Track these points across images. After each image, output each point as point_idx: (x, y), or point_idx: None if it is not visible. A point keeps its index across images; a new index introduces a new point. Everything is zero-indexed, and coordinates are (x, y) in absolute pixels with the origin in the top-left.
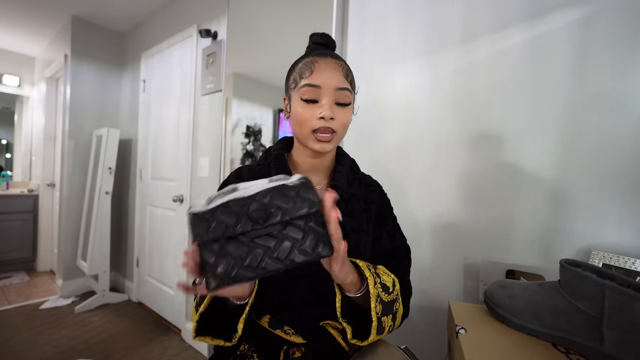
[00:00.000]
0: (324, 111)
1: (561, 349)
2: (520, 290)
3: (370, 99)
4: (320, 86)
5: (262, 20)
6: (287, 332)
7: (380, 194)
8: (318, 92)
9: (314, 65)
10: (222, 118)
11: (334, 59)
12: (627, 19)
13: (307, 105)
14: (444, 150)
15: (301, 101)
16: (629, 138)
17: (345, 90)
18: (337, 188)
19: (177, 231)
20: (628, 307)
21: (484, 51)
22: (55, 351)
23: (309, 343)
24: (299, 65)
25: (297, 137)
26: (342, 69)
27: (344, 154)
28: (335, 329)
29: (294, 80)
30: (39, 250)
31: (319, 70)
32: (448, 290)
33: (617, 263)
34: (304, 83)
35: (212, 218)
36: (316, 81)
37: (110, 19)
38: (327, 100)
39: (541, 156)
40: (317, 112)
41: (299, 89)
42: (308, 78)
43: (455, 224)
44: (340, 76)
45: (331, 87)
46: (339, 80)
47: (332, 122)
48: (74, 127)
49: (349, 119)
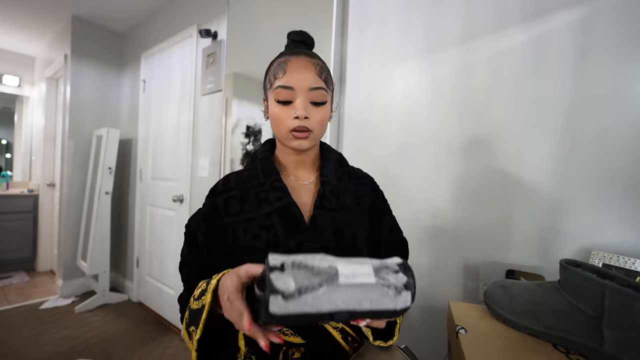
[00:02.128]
0: (297, 111)
1: (561, 349)
2: (520, 290)
3: (370, 100)
4: (294, 87)
5: (262, 20)
6: (285, 332)
7: (372, 186)
8: (292, 93)
9: (286, 66)
10: (222, 118)
11: (307, 57)
12: (626, 20)
13: (283, 107)
14: (444, 151)
15: (276, 102)
16: (629, 138)
17: (319, 89)
18: (326, 184)
19: (177, 231)
20: (628, 307)
21: (484, 51)
22: (55, 351)
23: (308, 343)
24: (273, 65)
25: (277, 137)
26: (316, 67)
27: (329, 149)
28: (335, 329)
29: (269, 81)
30: (39, 250)
31: (291, 71)
32: (448, 290)
33: (617, 263)
34: (277, 85)
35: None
36: (289, 82)
37: (110, 19)
38: (301, 100)
39: (541, 156)
40: (292, 112)
41: (274, 90)
42: (281, 79)
43: (456, 225)
44: (313, 75)
45: (304, 88)
46: (312, 80)
47: (307, 121)
48: (74, 127)
49: (325, 116)
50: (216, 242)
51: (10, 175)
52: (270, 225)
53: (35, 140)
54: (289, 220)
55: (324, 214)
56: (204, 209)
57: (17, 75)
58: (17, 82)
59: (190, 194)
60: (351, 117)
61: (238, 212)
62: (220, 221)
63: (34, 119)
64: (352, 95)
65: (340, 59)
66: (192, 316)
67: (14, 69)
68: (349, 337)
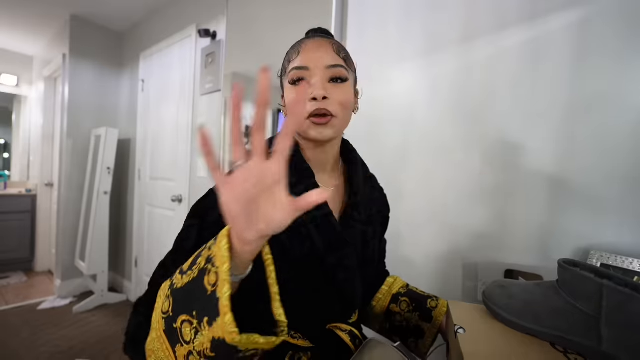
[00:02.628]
0: (314, 90)
1: (559, 348)
2: (519, 290)
3: (370, 100)
4: (309, 67)
5: (261, 20)
6: (293, 336)
7: (383, 195)
8: (307, 74)
9: (300, 47)
10: (221, 118)
11: (323, 38)
12: (626, 20)
13: (297, 88)
14: (442, 150)
15: (290, 86)
16: (627, 138)
17: (338, 67)
18: (356, 195)
19: (176, 231)
20: (626, 307)
21: (483, 51)
22: (53, 351)
23: (316, 347)
24: (289, 52)
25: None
26: (333, 45)
27: (352, 150)
28: (344, 332)
29: (284, 68)
30: (37, 250)
31: (305, 51)
32: (447, 290)
33: (615, 263)
34: (291, 67)
35: None
36: (304, 62)
37: (109, 18)
38: (318, 79)
39: (540, 156)
40: (309, 94)
41: (288, 74)
42: (295, 61)
43: (454, 224)
44: (330, 52)
45: (321, 66)
46: (329, 57)
47: (327, 102)
48: (72, 126)
49: (348, 98)
50: None
51: (8, 175)
52: (307, 235)
53: (34, 140)
54: (328, 233)
55: (354, 226)
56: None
57: (15, 75)
58: (15, 81)
59: (189, 194)
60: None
61: None
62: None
63: (32, 118)
64: None
65: None
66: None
67: (12, 68)
68: (357, 340)
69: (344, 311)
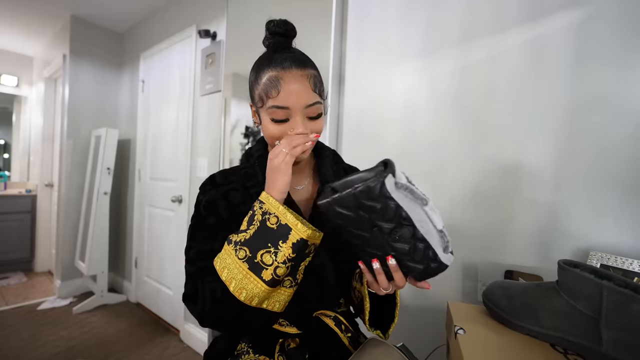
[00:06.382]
0: (296, 130)
1: (559, 349)
2: (519, 290)
3: (369, 100)
4: (289, 107)
5: (261, 20)
6: (281, 323)
7: None
8: (287, 112)
9: (279, 84)
10: (221, 118)
11: (299, 69)
12: (625, 21)
13: (279, 124)
14: (442, 151)
15: (272, 121)
16: (627, 139)
17: (315, 104)
18: (326, 182)
19: (176, 231)
20: (625, 307)
21: (483, 52)
22: (53, 352)
23: (304, 333)
24: (262, 78)
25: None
26: (310, 80)
27: (322, 147)
28: (328, 317)
29: (260, 98)
30: (37, 250)
31: (285, 90)
32: (447, 290)
33: (614, 264)
34: (271, 104)
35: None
36: (284, 103)
37: (109, 19)
38: (299, 119)
39: (540, 157)
40: (289, 130)
41: (267, 109)
42: (275, 99)
43: (454, 225)
44: (308, 91)
45: (300, 106)
46: (307, 96)
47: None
48: (72, 127)
49: (322, 126)
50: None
51: (8, 175)
52: None
53: (34, 141)
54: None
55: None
56: (207, 196)
57: (15, 75)
58: (15, 82)
59: (189, 195)
60: (350, 116)
61: (239, 205)
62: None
63: (32, 119)
64: (351, 95)
65: (340, 58)
66: (254, 240)
67: (12, 68)
68: (342, 325)
69: (319, 299)
